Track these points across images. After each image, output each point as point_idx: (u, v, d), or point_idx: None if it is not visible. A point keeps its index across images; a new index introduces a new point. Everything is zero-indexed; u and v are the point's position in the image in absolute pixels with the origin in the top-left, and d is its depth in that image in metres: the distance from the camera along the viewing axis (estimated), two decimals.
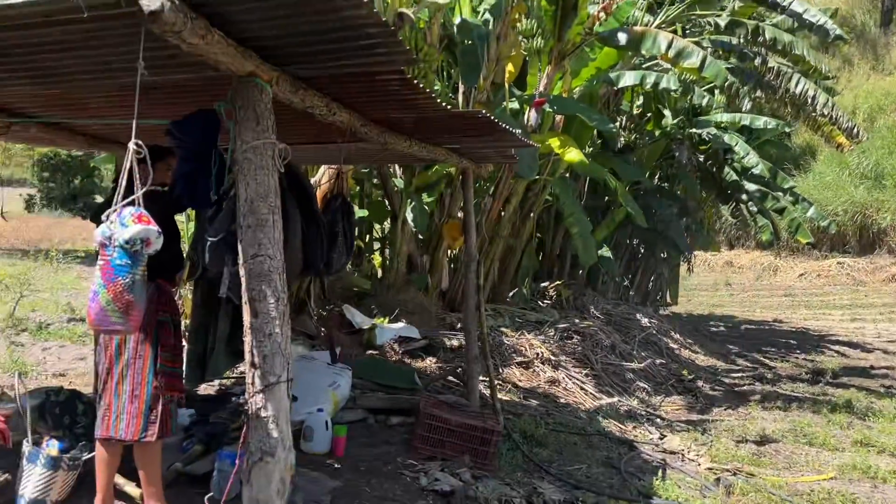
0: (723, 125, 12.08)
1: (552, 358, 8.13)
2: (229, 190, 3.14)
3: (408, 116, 3.86)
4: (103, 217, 2.61)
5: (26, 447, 3.51)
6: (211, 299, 5.19)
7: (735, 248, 27.34)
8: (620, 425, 6.71)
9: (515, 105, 9.09)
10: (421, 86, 3.20)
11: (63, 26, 2.53)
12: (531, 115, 8.30)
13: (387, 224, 10.87)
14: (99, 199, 38.10)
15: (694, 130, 12.39)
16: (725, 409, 8.04)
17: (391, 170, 10.04)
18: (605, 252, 11.51)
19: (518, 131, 4.46)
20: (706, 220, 15.47)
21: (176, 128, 3.01)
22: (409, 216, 9.10)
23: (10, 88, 3.44)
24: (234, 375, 6.20)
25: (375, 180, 10.35)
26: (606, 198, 12.93)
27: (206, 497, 3.31)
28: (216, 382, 5.94)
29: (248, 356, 2.77)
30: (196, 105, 3.27)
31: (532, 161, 8.19)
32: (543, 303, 10.83)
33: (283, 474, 2.75)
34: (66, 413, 3.99)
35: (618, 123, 12.83)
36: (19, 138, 4.67)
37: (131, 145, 2.53)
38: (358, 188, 10.18)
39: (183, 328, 4.24)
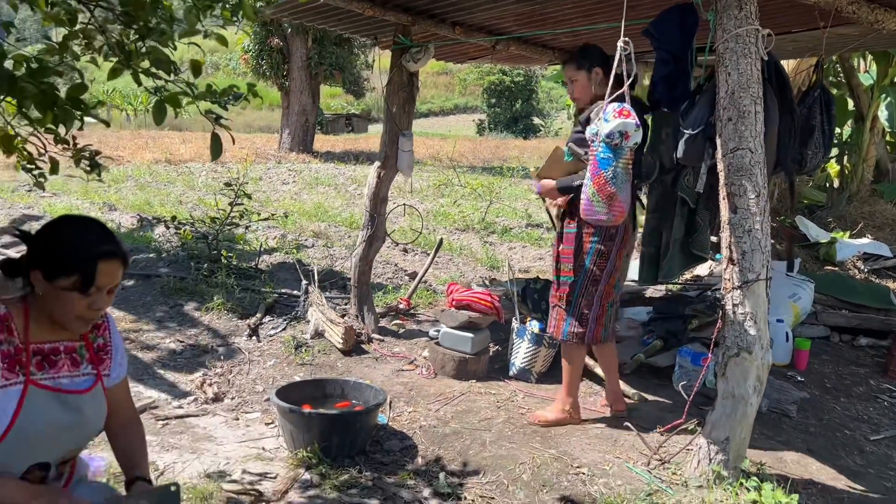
0: None
1: None
2: (705, 83, 3.09)
3: None
4: (591, 115, 2.82)
5: (515, 324, 4.11)
6: (666, 203, 5.29)
7: None
8: None
9: None
10: None
11: None
12: None
13: (847, 127, 9.50)
14: (536, 120, 41.48)
15: None
16: None
17: (856, 63, 8.67)
18: None
19: None
20: None
21: (654, 27, 3.04)
22: (882, 114, 7.81)
23: (497, 9, 3.88)
24: (679, 282, 6.26)
25: (832, 78, 9.06)
26: None
27: (680, 385, 3.45)
28: (661, 287, 6.07)
29: (724, 252, 2.75)
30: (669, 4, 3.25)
31: None
32: None
33: (760, 372, 2.71)
34: (543, 299, 4.52)
35: None
36: (499, 58, 5.27)
37: (620, 43, 2.65)
38: None
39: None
